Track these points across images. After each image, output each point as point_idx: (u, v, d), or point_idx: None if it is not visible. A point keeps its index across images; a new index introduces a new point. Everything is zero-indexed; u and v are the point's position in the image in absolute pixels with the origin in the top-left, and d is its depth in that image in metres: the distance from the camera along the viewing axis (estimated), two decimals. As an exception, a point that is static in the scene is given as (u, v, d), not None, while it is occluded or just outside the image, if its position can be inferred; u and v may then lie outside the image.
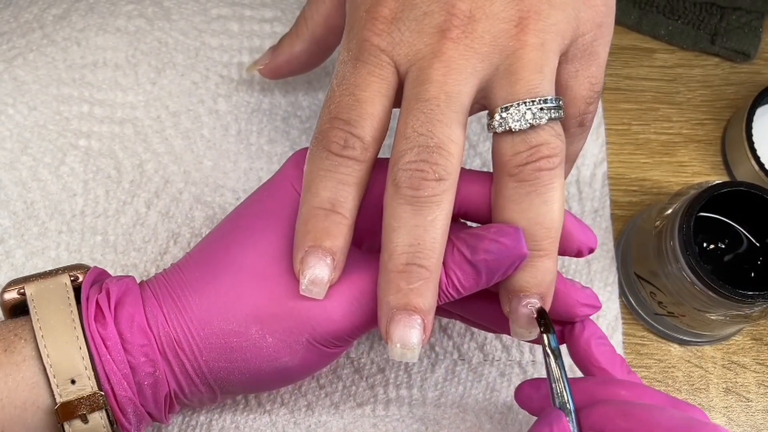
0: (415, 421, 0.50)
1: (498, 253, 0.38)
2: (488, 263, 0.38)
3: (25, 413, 0.39)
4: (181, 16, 0.56)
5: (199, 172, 0.53)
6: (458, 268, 0.39)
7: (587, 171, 0.56)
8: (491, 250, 0.38)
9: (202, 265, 0.41)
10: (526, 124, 0.38)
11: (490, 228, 0.39)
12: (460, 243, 0.39)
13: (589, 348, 0.42)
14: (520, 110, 0.38)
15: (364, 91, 0.39)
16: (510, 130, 0.38)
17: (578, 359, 0.43)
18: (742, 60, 0.60)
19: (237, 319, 0.40)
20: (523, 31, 0.38)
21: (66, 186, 0.52)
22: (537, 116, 0.38)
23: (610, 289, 0.54)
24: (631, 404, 0.38)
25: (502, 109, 0.38)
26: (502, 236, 0.38)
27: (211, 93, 0.55)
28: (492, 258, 0.38)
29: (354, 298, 0.39)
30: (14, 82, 0.54)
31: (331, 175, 0.39)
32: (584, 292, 0.43)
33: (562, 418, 0.38)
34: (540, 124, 0.38)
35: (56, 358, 0.39)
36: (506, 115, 0.38)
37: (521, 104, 0.38)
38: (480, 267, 0.39)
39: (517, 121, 0.38)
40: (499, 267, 0.39)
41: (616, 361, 0.42)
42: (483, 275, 0.39)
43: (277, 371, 0.41)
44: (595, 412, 0.38)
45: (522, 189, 0.39)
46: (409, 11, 0.38)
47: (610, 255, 0.55)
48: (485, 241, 0.38)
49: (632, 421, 0.37)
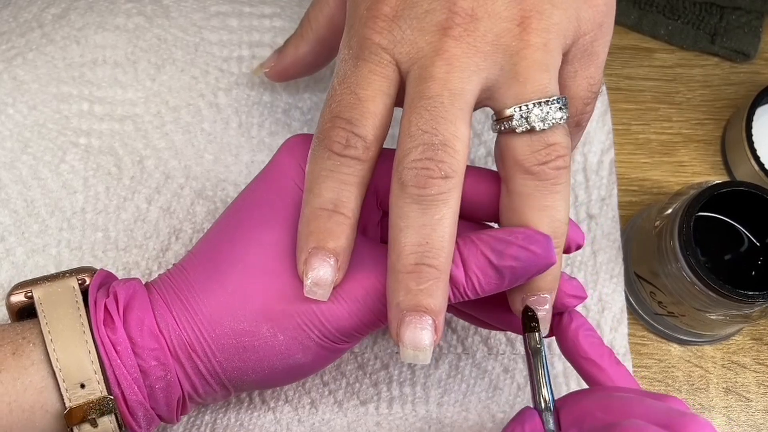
0: (418, 420, 0.50)
1: (527, 261, 0.38)
2: (515, 270, 0.38)
3: (33, 417, 0.39)
4: (180, 13, 0.56)
5: (200, 166, 0.53)
6: (480, 272, 0.39)
7: (594, 158, 0.56)
8: (520, 257, 0.38)
9: (207, 264, 0.41)
10: (548, 124, 0.38)
11: (517, 233, 0.39)
12: (484, 246, 0.39)
13: (577, 339, 0.42)
14: (543, 109, 0.38)
15: (365, 89, 0.38)
16: (533, 129, 0.38)
17: (566, 350, 0.43)
18: (742, 60, 0.60)
19: (247, 318, 0.40)
20: (526, 30, 0.38)
21: (66, 183, 0.52)
22: (557, 116, 0.38)
23: (615, 281, 0.54)
24: (610, 395, 0.38)
25: (521, 109, 0.38)
26: (532, 244, 0.38)
27: (211, 87, 0.55)
28: (520, 266, 0.38)
29: (360, 297, 0.39)
30: (14, 81, 0.54)
31: (333, 175, 0.39)
32: (571, 283, 0.43)
33: (535, 416, 0.38)
34: (560, 123, 0.38)
35: (65, 362, 0.39)
36: (528, 115, 0.38)
37: (541, 104, 0.38)
38: (505, 272, 0.38)
39: (541, 120, 0.38)
40: (525, 274, 0.39)
41: (604, 351, 0.42)
42: (506, 280, 0.39)
43: (291, 368, 0.41)
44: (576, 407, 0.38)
45: (543, 187, 0.38)
46: (410, 9, 0.38)
47: (617, 245, 0.54)
48: (513, 248, 0.38)
49: (611, 412, 0.37)
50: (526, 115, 0.38)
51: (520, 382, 0.51)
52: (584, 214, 0.55)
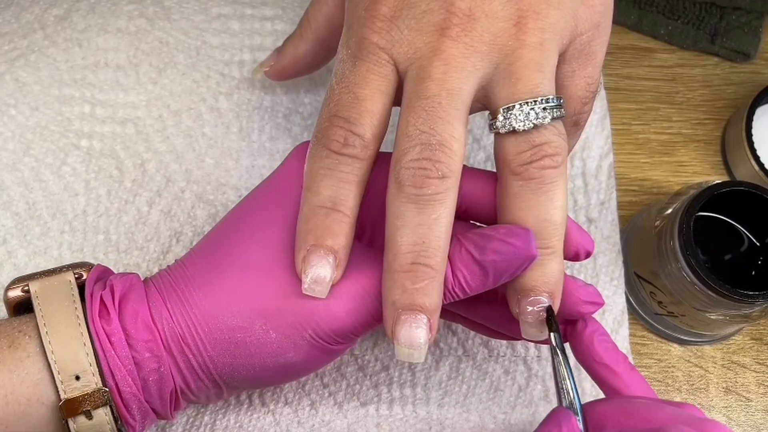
0: (419, 421, 0.50)
1: (507, 254, 0.38)
2: (497, 264, 0.38)
3: (29, 409, 0.39)
4: (182, 15, 0.56)
5: (200, 170, 0.53)
6: (465, 268, 0.39)
7: (593, 163, 0.56)
8: (500, 250, 0.38)
9: (206, 261, 0.41)
10: (529, 125, 0.38)
11: (499, 228, 0.39)
12: (468, 242, 0.39)
13: (592, 344, 0.42)
14: (523, 110, 0.38)
15: (363, 88, 0.39)
16: (514, 130, 0.38)
17: (581, 356, 0.43)
18: (742, 60, 0.60)
19: (241, 314, 0.40)
20: (522, 30, 0.38)
21: (68, 186, 0.52)
22: (540, 116, 0.38)
23: (616, 283, 0.54)
24: (630, 401, 0.39)
25: (505, 110, 0.38)
26: (512, 237, 0.38)
27: (213, 91, 0.55)
28: (501, 259, 0.38)
29: (357, 295, 0.39)
30: (16, 83, 0.54)
31: (331, 173, 0.39)
32: (587, 290, 0.42)
33: (570, 417, 0.38)
34: (543, 123, 0.38)
35: (61, 355, 0.39)
36: (510, 116, 0.38)
37: (524, 104, 0.38)
38: (488, 267, 0.38)
39: (521, 121, 0.38)
40: (507, 268, 0.39)
41: (619, 357, 0.42)
42: (490, 276, 0.39)
43: (282, 367, 0.41)
44: (596, 411, 0.38)
45: (527, 187, 0.38)
46: (408, 9, 0.38)
47: (617, 248, 0.54)
48: (494, 242, 0.38)
49: (632, 418, 0.37)
50: (509, 115, 0.38)
51: (521, 383, 0.51)
52: (584, 218, 0.55)
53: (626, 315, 0.53)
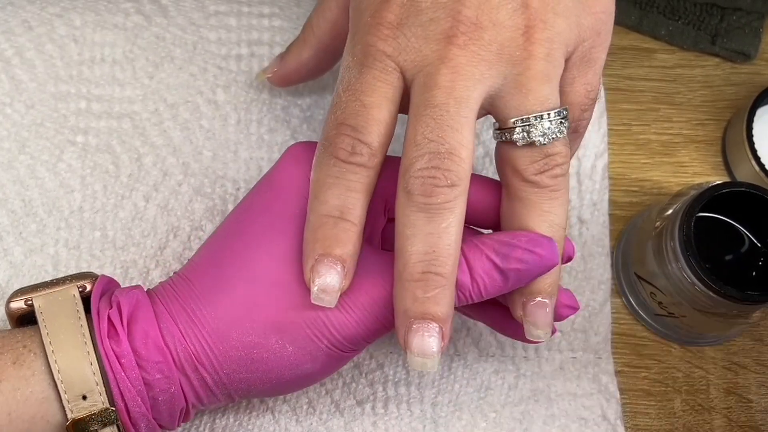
0: (413, 420, 0.50)
1: (532, 263, 0.39)
2: (520, 272, 0.39)
3: (34, 427, 0.39)
4: (179, 12, 0.56)
5: (198, 163, 0.53)
6: (486, 275, 0.39)
7: (588, 162, 0.56)
8: (525, 260, 0.39)
9: (212, 274, 0.41)
10: (549, 139, 0.38)
11: (520, 237, 0.39)
12: (489, 250, 0.39)
13: None
14: (543, 125, 0.38)
15: (370, 96, 0.38)
16: (533, 143, 0.38)
17: None
18: (743, 60, 0.60)
19: (255, 330, 0.39)
20: (530, 40, 0.38)
21: (63, 182, 0.52)
22: (559, 130, 0.38)
23: (604, 288, 0.54)
24: None
25: (522, 122, 0.38)
26: (537, 246, 0.39)
27: (210, 84, 0.55)
28: (525, 268, 0.39)
29: (368, 304, 0.39)
30: (12, 81, 0.54)
31: (338, 182, 0.39)
32: (567, 294, 0.43)
33: None
34: (560, 137, 0.38)
35: (67, 374, 0.39)
36: (530, 129, 0.38)
37: (543, 118, 0.38)
38: (510, 275, 0.39)
39: (542, 135, 0.38)
40: (529, 276, 0.39)
41: None
42: (510, 283, 0.39)
43: (299, 377, 0.41)
44: None
45: (543, 194, 0.39)
46: (414, 17, 0.38)
47: (606, 251, 0.55)
48: (518, 251, 0.39)
49: None
50: (527, 129, 0.38)
51: (510, 382, 0.51)
52: (575, 219, 0.55)
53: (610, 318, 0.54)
